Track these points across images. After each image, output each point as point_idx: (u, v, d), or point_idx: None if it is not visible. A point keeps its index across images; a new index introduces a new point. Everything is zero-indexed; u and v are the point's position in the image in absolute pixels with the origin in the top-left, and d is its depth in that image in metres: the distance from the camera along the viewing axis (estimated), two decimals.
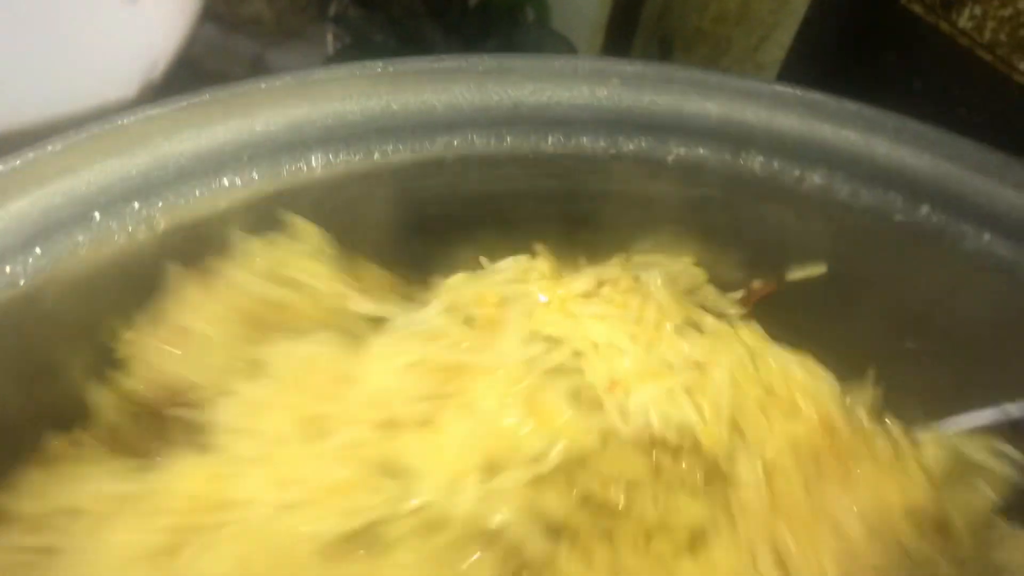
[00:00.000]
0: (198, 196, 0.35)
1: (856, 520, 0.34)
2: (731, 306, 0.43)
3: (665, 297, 0.38)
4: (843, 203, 0.40)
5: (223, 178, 0.35)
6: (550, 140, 0.39)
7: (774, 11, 0.74)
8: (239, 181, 0.36)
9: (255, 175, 0.36)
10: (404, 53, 0.51)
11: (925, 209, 0.40)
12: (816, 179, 0.40)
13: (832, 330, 0.42)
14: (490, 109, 0.39)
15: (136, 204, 0.34)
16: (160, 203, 0.34)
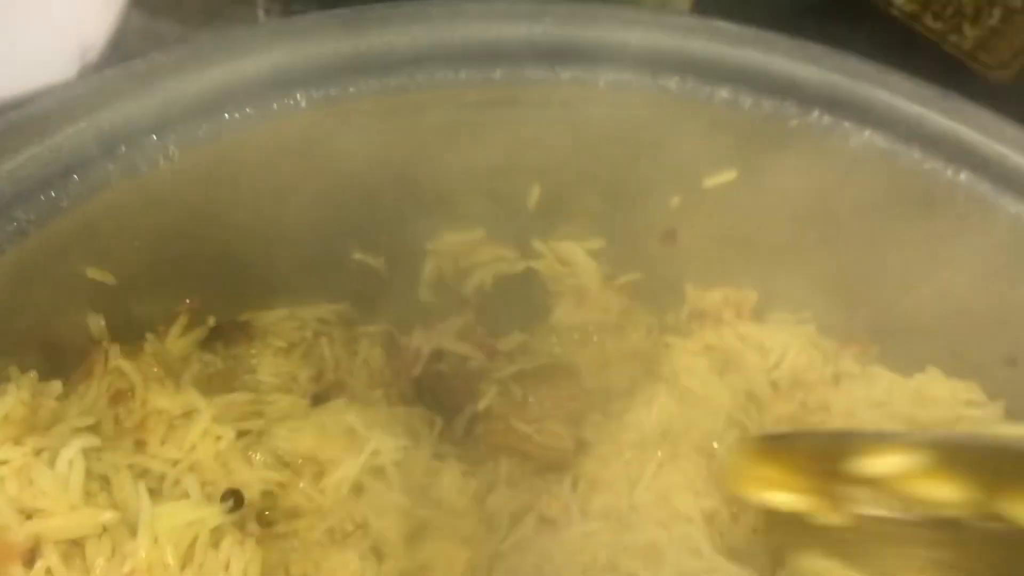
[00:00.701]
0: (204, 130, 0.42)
1: None
2: None
3: None
4: (747, 113, 0.48)
5: (223, 113, 0.42)
6: (498, 72, 0.47)
7: None
8: (237, 116, 0.42)
9: (249, 110, 0.43)
10: None
11: (816, 113, 0.48)
12: (724, 94, 0.48)
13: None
14: (445, 46, 0.46)
15: (154, 136, 0.41)
16: (172, 135, 0.41)
